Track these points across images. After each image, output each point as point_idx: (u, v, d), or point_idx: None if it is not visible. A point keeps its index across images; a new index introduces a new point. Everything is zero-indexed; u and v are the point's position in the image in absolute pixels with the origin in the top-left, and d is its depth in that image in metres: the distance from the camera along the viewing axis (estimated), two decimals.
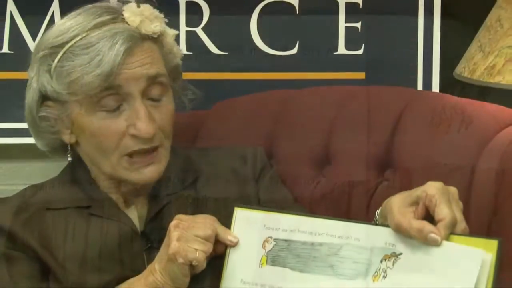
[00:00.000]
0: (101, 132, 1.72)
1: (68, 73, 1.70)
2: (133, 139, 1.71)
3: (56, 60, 1.71)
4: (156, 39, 1.76)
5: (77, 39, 1.70)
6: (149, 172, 1.74)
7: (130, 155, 1.72)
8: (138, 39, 1.71)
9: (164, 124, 1.74)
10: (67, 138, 1.78)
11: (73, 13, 1.75)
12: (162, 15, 1.77)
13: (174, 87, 1.81)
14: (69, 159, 1.82)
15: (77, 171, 1.83)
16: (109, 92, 1.69)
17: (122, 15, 1.73)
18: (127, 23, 1.72)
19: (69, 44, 1.70)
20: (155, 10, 1.75)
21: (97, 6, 1.76)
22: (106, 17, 1.72)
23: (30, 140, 1.84)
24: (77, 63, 1.69)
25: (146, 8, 1.74)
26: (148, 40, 1.74)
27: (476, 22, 1.85)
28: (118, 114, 1.71)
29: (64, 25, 1.73)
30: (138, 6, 1.74)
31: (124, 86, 1.69)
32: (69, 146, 1.80)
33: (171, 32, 1.80)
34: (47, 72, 1.73)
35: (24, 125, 1.82)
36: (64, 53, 1.71)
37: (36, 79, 1.75)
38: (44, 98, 1.76)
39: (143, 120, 1.69)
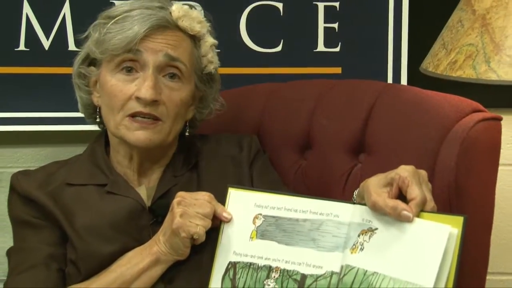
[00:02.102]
0: (113, 91, 1.73)
1: (105, 36, 1.72)
2: (137, 101, 1.72)
3: (105, 29, 1.73)
4: (193, 38, 1.77)
5: (124, 14, 1.72)
6: (142, 134, 1.73)
7: (133, 116, 1.72)
8: (172, 26, 1.74)
9: (169, 103, 1.74)
10: (96, 99, 1.80)
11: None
12: (208, 24, 1.80)
13: (206, 92, 1.83)
14: (98, 120, 1.83)
15: (97, 153, 1.83)
16: (130, 57, 1.72)
17: (171, 6, 1.75)
18: (170, 13, 1.74)
19: (118, 17, 1.73)
20: (204, 18, 1.78)
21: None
22: (155, 4, 1.75)
23: (44, 128, 1.81)
24: (115, 28, 1.71)
25: (195, 11, 1.78)
26: (184, 33, 1.76)
27: (439, 23, 1.84)
28: (132, 79, 1.73)
29: (120, 3, 1.77)
30: (191, 8, 1.77)
31: (143, 53, 1.71)
32: (98, 109, 1.81)
33: (211, 40, 1.81)
34: (96, 36, 1.75)
35: (38, 114, 1.80)
36: (112, 23, 1.73)
37: (89, 41, 1.77)
38: (86, 60, 1.79)
39: (147, 85, 1.70)
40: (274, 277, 1.58)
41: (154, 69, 1.71)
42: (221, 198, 1.65)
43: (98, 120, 1.82)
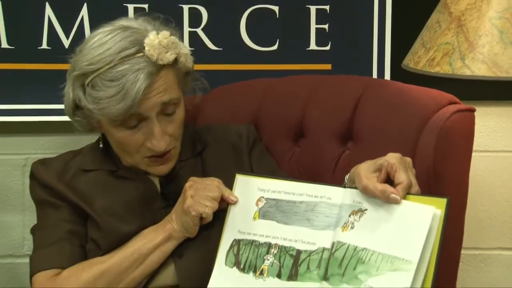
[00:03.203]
0: (123, 141, 1.70)
1: (97, 101, 1.64)
2: (149, 149, 1.69)
3: (87, 82, 1.66)
4: (171, 64, 1.68)
5: (106, 67, 1.63)
6: (164, 168, 1.74)
7: (148, 157, 1.72)
8: (155, 71, 1.64)
9: (175, 131, 1.72)
10: (98, 131, 1.77)
11: (103, 33, 1.66)
12: (177, 40, 1.70)
13: (187, 86, 1.79)
14: (101, 145, 1.80)
15: (108, 142, 1.80)
16: (132, 118, 1.66)
17: (144, 47, 1.63)
18: (147, 56, 1.63)
19: (99, 72, 1.63)
20: (172, 36, 1.67)
21: (125, 32, 1.66)
22: (130, 50, 1.63)
23: (64, 118, 1.81)
24: (104, 94, 1.62)
25: (164, 36, 1.65)
26: (164, 67, 1.66)
27: (419, 24, 1.83)
28: (137, 130, 1.69)
29: (96, 52, 1.64)
30: (158, 34, 1.65)
31: (142, 113, 1.66)
32: (100, 135, 1.79)
33: (184, 51, 1.72)
34: (81, 88, 1.68)
35: (59, 106, 1.81)
36: (94, 78, 1.64)
37: (71, 90, 1.70)
38: (78, 106, 1.72)
39: (157, 138, 1.67)
40: (273, 252, 1.58)
41: (155, 120, 1.67)
42: (224, 182, 1.66)
43: (101, 145, 1.80)
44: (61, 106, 1.77)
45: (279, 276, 1.55)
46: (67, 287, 1.64)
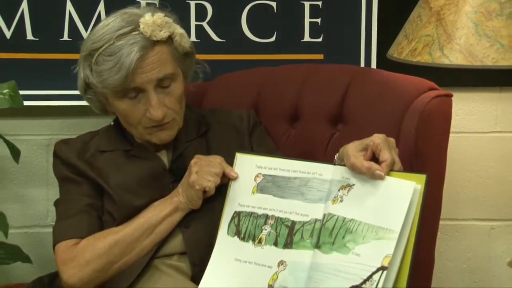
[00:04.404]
0: (126, 113, 1.70)
1: (99, 74, 1.66)
2: (149, 119, 1.68)
3: (93, 60, 1.67)
4: (166, 41, 1.68)
5: (106, 45, 1.65)
6: (165, 135, 1.72)
7: (149, 127, 1.70)
8: (149, 46, 1.65)
9: (173, 105, 1.70)
10: (109, 109, 1.77)
11: (107, 19, 1.69)
12: (171, 20, 1.70)
13: (188, 67, 1.77)
14: (112, 123, 1.82)
15: (121, 125, 1.79)
16: (130, 89, 1.66)
17: (139, 25, 1.65)
18: (141, 32, 1.64)
19: (101, 50, 1.65)
20: (166, 17, 1.68)
21: (124, 15, 1.68)
22: (126, 28, 1.65)
23: (84, 102, 1.81)
24: (104, 67, 1.64)
25: (158, 17, 1.66)
26: (158, 43, 1.66)
27: (402, 18, 1.82)
28: (138, 101, 1.68)
29: (98, 32, 1.67)
30: (153, 15, 1.66)
31: (139, 86, 1.65)
32: (114, 118, 1.79)
33: (179, 30, 1.71)
34: (88, 67, 1.69)
35: (76, 92, 1.80)
36: (98, 56, 1.66)
37: (82, 71, 1.72)
38: (87, 87, 1.73)
39: (154, 107, 1.66)
40: (270, 223, 1.57)
41: (152, 91, 1.67)
42: (227, 160, 1.65)
43: (112, 123, 1.82)
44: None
45: (275, 244, 1.54)
46: (84, 255, 1.64)
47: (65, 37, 2.06)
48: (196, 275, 1.63)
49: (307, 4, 2.09)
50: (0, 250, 1.95)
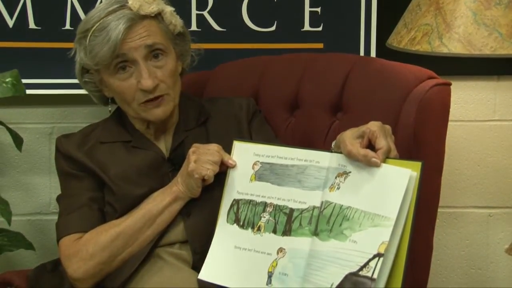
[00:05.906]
0: (120, 89, 1.70)
1: (91, 51, 1.67)
2: (142, 92, 1.68)
3: (87, 41, 1.68)
4: (155, 17, 1.70)
5: (96, 25, 1.67)
6: (159, 112, 1.71)
7: (144, 103, 1.70)
8: (137, 19, 1.67)
9: (165, 78, 1.70)
10: (107, 94, 1.77)
11: (98, 2, 1.73)
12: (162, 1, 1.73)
13: (183, 47, 1.78)
14: (110, 108, 1.81)
15: (121, 116, 1.80)
16: (119, 60, 1.67)
17: (128, 2, 1.67)
18: (130, 8, 1.66)
19: (93, 29, 1.67)
20: None
21: None
22: (115, 6, 1.67)
23: (85, 91, 1.81)
24: (95, 42, 1.66)
25: None
26: (147, 18, 1.68)
27: (401, 7, 1.82)
28: (129, 75, 1.69)
29: (89, 15, 1.70)
30: None
31: (128, 54, 1.66)
32: (109, 100, 1.79)
33: (169, 9, 1.73)
34: (83, 50, 1.70)
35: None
36: (91, 35, 1.67)
37: (78, 53, 1.73)
38: (84, 68, 1.74)
39: (144, 76, 1.66)
40: (268, 211, 1.57)
41: (142, 61, 1.67)
42: (226, 149, 1.64)
43: (110, 108, 1.81)
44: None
45: (274, 231, 1.55)
46: (88, 249, 1.64)
47: (67, 26, 2.06)
48: (197, 263, 1.63)
49: None
50: (3, 237, 1.96)
